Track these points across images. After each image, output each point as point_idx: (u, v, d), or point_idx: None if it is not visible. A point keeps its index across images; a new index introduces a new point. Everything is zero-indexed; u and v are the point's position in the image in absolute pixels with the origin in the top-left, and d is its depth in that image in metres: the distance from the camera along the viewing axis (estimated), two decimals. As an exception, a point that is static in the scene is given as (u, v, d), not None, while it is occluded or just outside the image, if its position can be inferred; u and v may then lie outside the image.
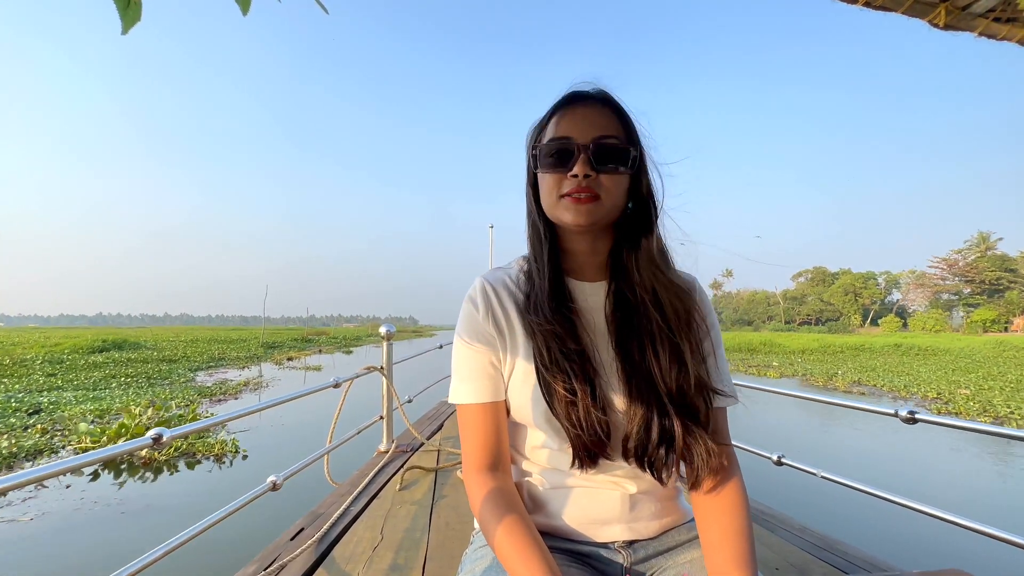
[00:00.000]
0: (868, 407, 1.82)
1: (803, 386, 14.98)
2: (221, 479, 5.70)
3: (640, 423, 0.72)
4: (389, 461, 2.74)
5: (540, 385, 0.73)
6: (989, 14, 1.11)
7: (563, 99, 0.74)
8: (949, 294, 65.07)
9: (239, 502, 1.62)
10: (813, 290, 77.50)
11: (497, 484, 0.73)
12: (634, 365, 0.74)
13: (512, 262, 0.85)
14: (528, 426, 0.78)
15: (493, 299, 0.78)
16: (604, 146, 0.70)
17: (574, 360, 0.72)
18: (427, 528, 1.85)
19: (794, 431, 8.29)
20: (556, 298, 0.75)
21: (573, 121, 0.71)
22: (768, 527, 1.93)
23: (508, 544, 0.66)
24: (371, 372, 2.86)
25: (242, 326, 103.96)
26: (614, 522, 0.78)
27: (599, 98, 0.73)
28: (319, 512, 1.99)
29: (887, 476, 5.89)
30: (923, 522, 1.70)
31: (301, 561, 1.57)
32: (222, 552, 3.53)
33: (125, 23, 0.55)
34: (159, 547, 1.29)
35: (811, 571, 1.58)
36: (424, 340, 44.76)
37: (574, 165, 0.70)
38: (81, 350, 21.68)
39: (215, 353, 23.77)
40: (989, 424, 1.47)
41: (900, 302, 73.80)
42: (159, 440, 1.23)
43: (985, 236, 61.52)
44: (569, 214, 0.71)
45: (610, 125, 0.71)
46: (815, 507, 4.50)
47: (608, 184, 0.71)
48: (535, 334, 0.73)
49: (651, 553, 0.79)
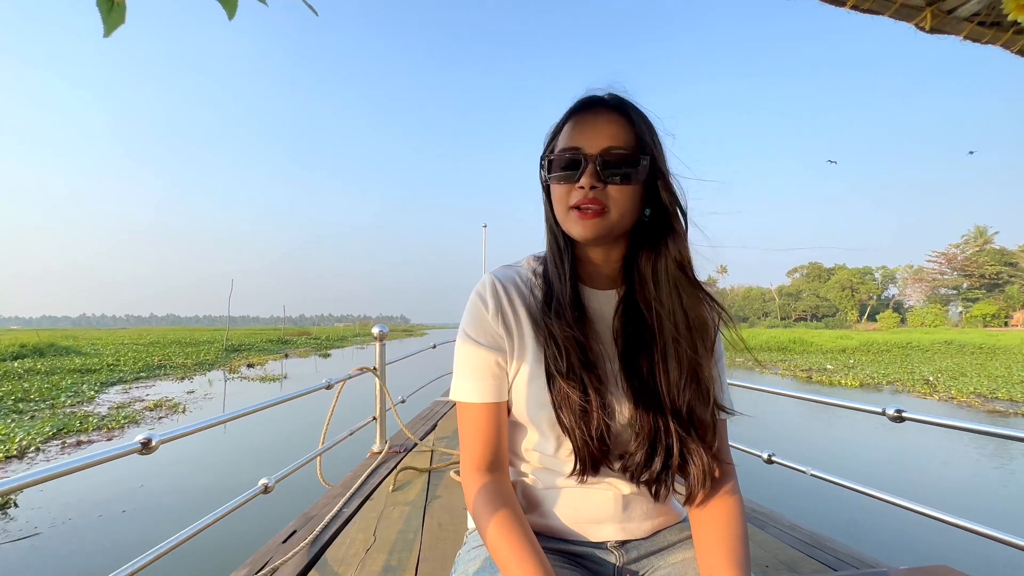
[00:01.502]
0: (856, 405, 1.84)
1: (918, 398, 12.03)
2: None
3: (644, 440, 0.72)
4: (382, 462, 2.73)
5: (551, 391, 0.72)
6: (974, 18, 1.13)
7: (575, 106, 0.73)
8: (947, 289, 64.24)
9: (231, 505, 1.61)
10: (808, 286, 77.02)
11: (494, 483, 0.73)
12: (641, 379, 0.73)
13: (522, 260, 0.83)
14: (527, 427, 0.77)
15: (503, 297, 0.76)
16: (612, 156, 0.69)
17: (588, 369, 0.71)
18: (420, 529, 1.84)
19: (783, 429, 8.37)
20: (576, 306, 0.74)
21: (583, 130, 0.71)
22: (758, 525, 1.95)
23: (502, 542, 0.66)
24: (364, 373, 2.85)
25: (231, 327, 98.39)
26: (607, 522, 0.79)
27: (611, 104, 0.71)
28: (311, 514, 1.98)
29: (876, 474, 5.96)
30: (912, 519, 1.72)
31: (293, 564, 1.56)
32: (214, 556, 3.50)
33: (108, 26, 0.54)
34: (150, 551, 1.27)
35: (801, 568, 1.60)
36: (415, 340, 42.58)
37: (581, 176, 0.69)
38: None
39: (158, 359, 19.87)
40: (977, 423, 1.49)
41: (896, 297, 73.75)
42: (148, 445, 1.22)
43: (982, 230, 60.94)
44: (576, 228, 0.71)
45: (620, 134, 0.69)
46: (805, 505, 4.55)
47: (616, 195, 0.69)
48: (550, 339, 0.72)
49: (643, 553, 0.80)
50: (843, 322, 68.09)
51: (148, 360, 19.43)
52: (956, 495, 5.30)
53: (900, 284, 73.27)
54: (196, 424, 1.45)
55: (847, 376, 16.00)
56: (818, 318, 73.25)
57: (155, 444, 1.23)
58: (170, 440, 1.29)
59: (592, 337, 0.74)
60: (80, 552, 3.88)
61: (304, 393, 2.16)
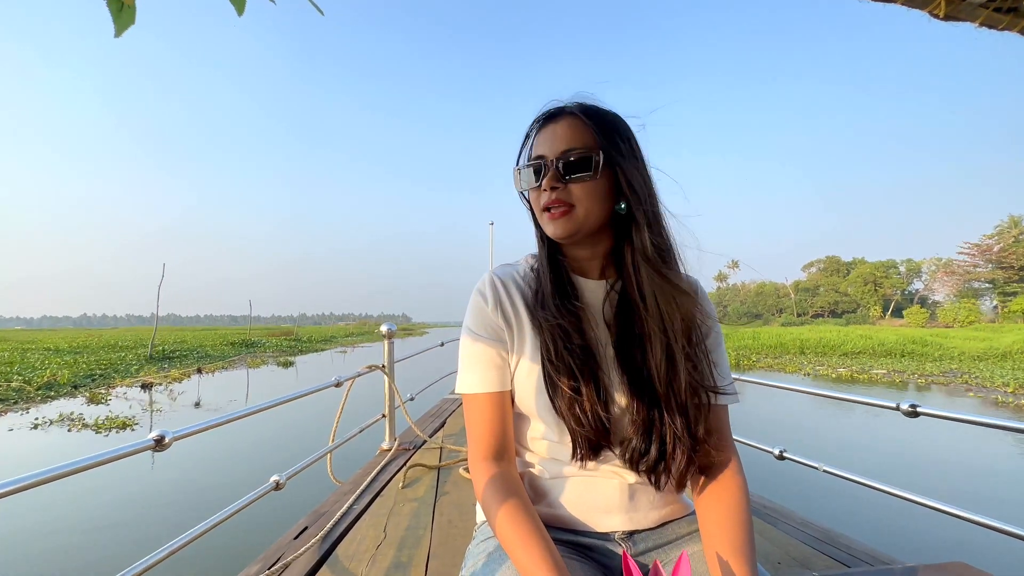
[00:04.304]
0: (869, 400, 1.82)
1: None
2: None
3: (640, 426, 0.74)
4: (392, 459, 2.75)
5: (544, 379, 0.75)
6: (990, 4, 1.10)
7: (537, 118, 0.80)
8: (980, 282, 58.85)
9: (243, 501, 1.63)
10: (826, 280, 73.63)
11: (502, 472, 0.75)
12: (634, 365, 0.75)
13: (521, 259, 0.88)
14: (531, 417, 0.79)
15: (502, 292, 0.81)
16: (569, 157, 0.74)
17: (578, 356, 0.74)
18: (430, 525, 1.85)
19: (795, 425, 8.29)
20: (561, 295, 0.78)
21: (544, 140, 0.77)
22: (770, 521, 1.93)
23: (511, 531, 0.68)
24: (373, 371, 2.86)
25: (231, 326, 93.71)
26: (614, 512, 0.79)
27: (568, 112, 0.77)
28: (322, 511, 2.00)
29: (890, 469, 5.89)
30: (926, 515, 1.70)
31: (305, 559, 1.58)
32: (227, 551, 3.55)
33: (118, 26, 0.54)
34: (164, 547, 1.29)
35: (813, 564, 1.59)
36: (416, 339, 40.53)
37: (543, 179, 0.76)
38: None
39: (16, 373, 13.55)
40: (993, 417, 1.47)
41: (922, 292, 69.32)
42: (161, 442, 1.23)
43: (1017, 220, 55.67)
44: (549, 228, 0.77)
45: (576, 136, 0.75)
46: (817, 501, 4.51)
47: (579, 193, 0.74)
48: (542, 329, 0.76)
49: (651, 545, 0.80)
50: (865, 318, 65.18)
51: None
52: (974, 491, 5.22)
53: (927, 278, 68.97)
54: (210, 421, 1.48)
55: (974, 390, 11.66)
56: (837, 314, 70.26)
57: (168, 441, 1.25)
58: (183, 437, 1.31)
59: (585, 325, 0.77)
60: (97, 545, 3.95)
61: (314, 391, 2.18)
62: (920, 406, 1.62)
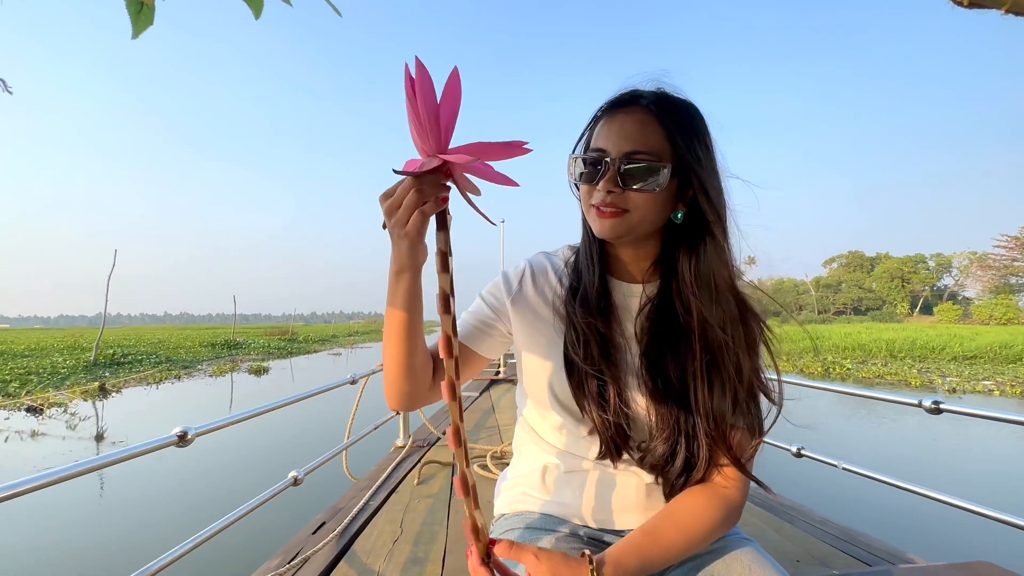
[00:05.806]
0: (892, 397, 1.78)
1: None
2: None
3: (666, 436, 0.71)
4: (406, 456, 2.78)
5: (568, 376, 0.74)
6: (1016, -12, 1.06)
7: (606, 103, 0.72)
8: (1019, 276, 55.19)
9: (262, 497, 1.66)
10: (850, 276, 70.38)
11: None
12: (666, 377, 0.71)
13: (558, 250, 0.87)
14: (549, 411, 0.79)
15: (528, 281, 0.81)
16: (634, 162, 0.67)
17: (607, 357, 0.73)
18: (446, 521, 1.87)
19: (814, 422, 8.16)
20: (603, 296, 0.76)
21: (609, 132, 0.69)
22: (788, 519, 1.91)
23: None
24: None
25: (243, 325, 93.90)
26: (631, 510, 0.79)
27: (642, 104, 0.69)
28: (339, 506, 2.03)
29: (912, 467, 5.77)
30: (950, 514, 1.66)
31: (324, 554, 1.60)
32: (247, 546, 3.61)
33: (136, 28, 0.55)
34: (186, 541, 1.32)
35: (833, 563, 1.56)
36: (429, 337, 41.92)
37: (600, 180, 0.69)
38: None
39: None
40: (1016, 414, 1.43)
41: (951, 288, 66.01)
42: (184, 437, 1.26)
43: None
44: (596, 226, 0.71)
45: (646, 138, 0.67)
46: (836, 499, 4.43)
47: (637, 200, 0.68)
48: (572, 325, 0.74)
49: None
50: (892, 315, 62.00)
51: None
52: (998, 489, 5.09)
53: (959, 273, 64.85)
54: (231, 416, 1.51)
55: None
56: (861, 311, 67.60)
57: (191, 437, 1.28)
58: (205, 433, 1.34)
59: (615, 327, 0.75)
60: (118, 539, 4.06)
61: (330, 388, 2.21)
62: (943, 403, 1.59)
